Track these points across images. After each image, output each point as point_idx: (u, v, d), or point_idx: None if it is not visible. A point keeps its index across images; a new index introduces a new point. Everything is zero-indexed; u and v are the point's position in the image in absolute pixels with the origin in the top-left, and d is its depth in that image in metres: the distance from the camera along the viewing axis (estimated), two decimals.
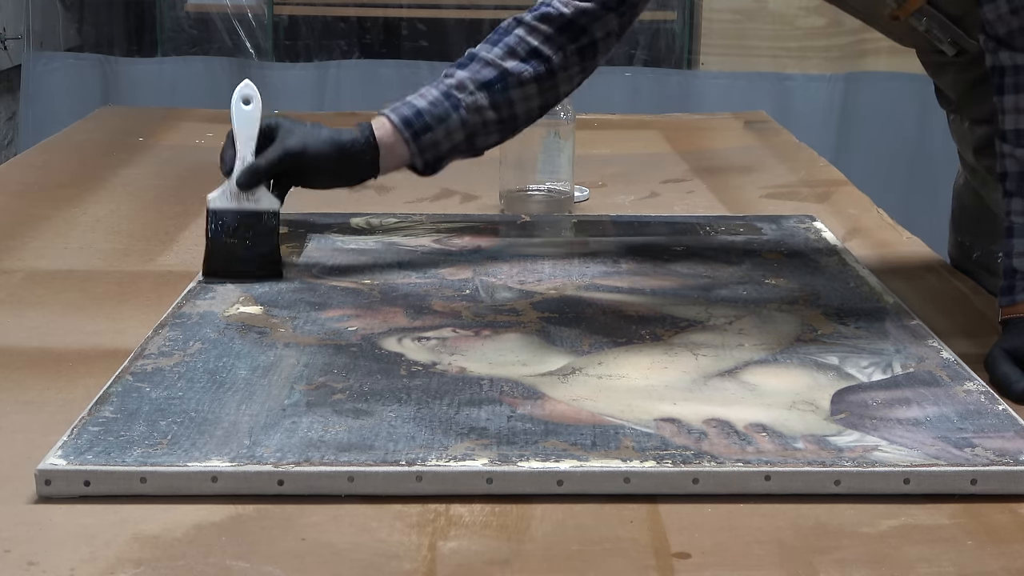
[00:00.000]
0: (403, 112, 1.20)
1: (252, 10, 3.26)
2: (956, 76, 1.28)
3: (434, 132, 1.20)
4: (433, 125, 1.20)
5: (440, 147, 1.21)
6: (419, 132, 1.20)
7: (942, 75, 1.30)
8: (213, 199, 1.17)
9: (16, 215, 1.48)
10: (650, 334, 1.06)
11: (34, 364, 1.01)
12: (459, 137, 1.22)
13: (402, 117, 1.20)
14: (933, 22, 1.19)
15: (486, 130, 1.24)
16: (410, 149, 1.21)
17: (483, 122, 1.22)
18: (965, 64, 1.24)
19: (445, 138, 1.21)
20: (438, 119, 1.20)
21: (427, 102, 1.21)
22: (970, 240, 1.38)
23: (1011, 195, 1.04)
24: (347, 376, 0.95)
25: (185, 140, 1.95)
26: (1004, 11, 1.02)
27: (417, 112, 1.20)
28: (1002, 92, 1.04)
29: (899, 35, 1.27)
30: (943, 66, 1.28)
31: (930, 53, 1.26)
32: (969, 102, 1.29)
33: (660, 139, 2.02)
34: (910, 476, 0.80)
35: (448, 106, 1.20)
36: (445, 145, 1.22)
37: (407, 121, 1.20)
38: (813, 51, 3.14)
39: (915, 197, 3.01)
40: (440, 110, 1.20)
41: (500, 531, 0.75)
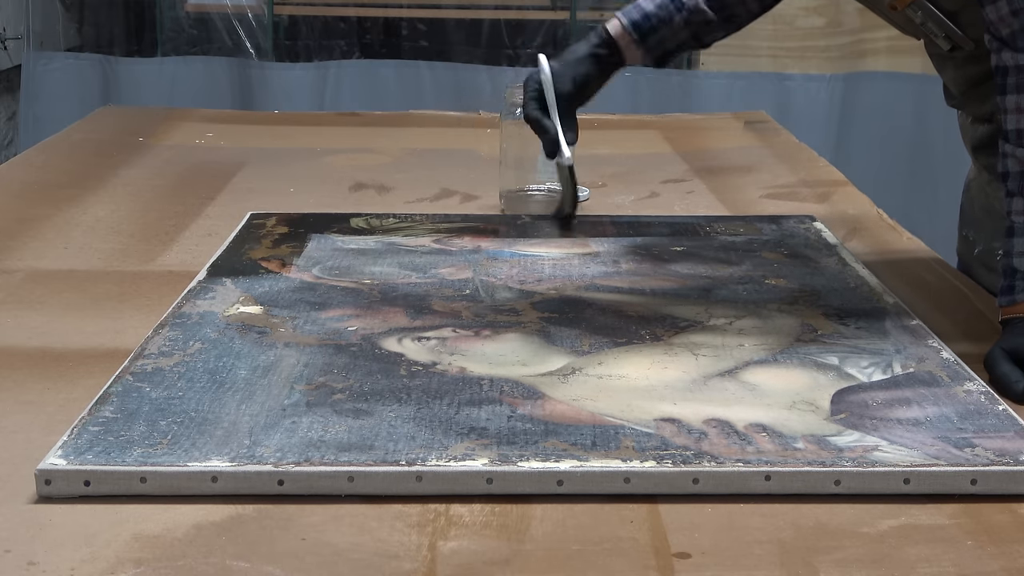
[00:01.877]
0: (632, 15, 1.32)
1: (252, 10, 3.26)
2: (956, 72, 1.28)
3: (659, 33, 1.31)
4: (659, 27, 1.31)
5: (666, 44, 1.33)
6: (647, 33, 1.31)
7: (944, 70, 1.31)
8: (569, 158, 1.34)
9: (16, 215, 1.48)
10: (650, 334, 1.06)
11: (34, 364, 1.01)
12: (684, 35, 1.32)
13: (631, 20, 1.31)
14: (928, 15, 1.20)
15: (710, 28, 1.34)
16: (640, 49, 1.32)
17: (705, 21, 1.32)
18: (963, 60, 1.24)
19: (671, 37, 1.32)
20: (663, 20, 1.31)
21: (654, 5, 1.32)
22: (973, 235, 1.38)
23: (1012, 195, 1.04)
24: (347, 376, 0.95)
25: (185, 140, 1.95)
26: (1005, 12, 1.02)
27: (645, 16, 1.31)
28: (1004, 92, 1.04)
29: (901, 25, 1.28)
30: (944, 60, 1.28)
31: (932, 46, 1.27)
32: (970, 99, 1.29)
33: (660, 139, 2.02)
34: (910, 476, 0.80)
35: (672, 8, 1.31)
36: (671, 43, 1.33)
37: (636, 24, 1.31)
38: (813, 51, 3.14)
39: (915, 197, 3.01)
40: (665, 12, 1.31)
41: (500, 531, 0.75)
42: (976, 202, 1.39)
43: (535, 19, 3.39)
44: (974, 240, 1.38)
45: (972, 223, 1.40)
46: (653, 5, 1.31)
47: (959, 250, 1.42)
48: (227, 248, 1.30)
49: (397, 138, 1.99)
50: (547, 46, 3.36)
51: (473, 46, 3.36)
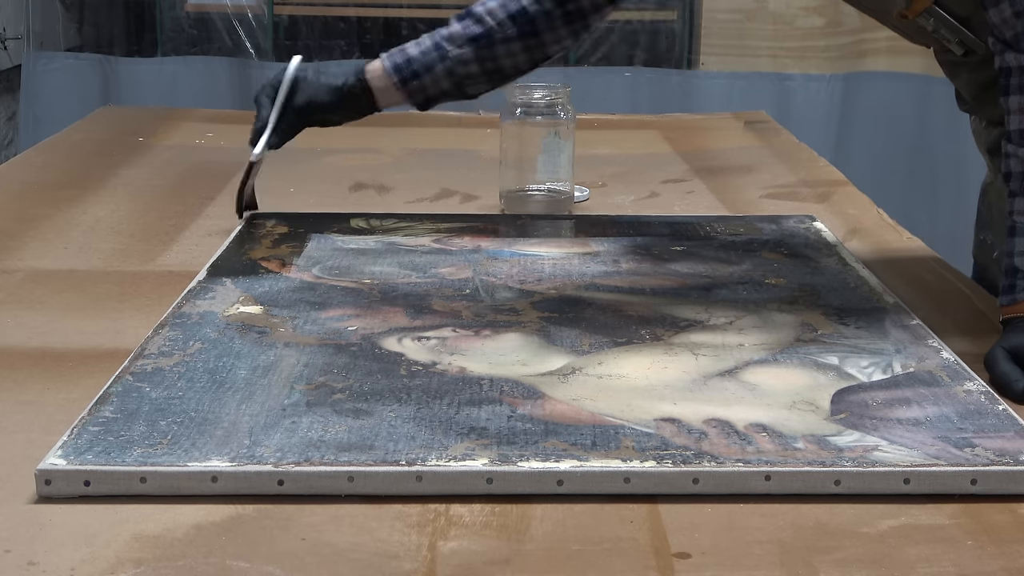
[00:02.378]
0: (396, 59, 1.33)
1: (252, 10, 3.26)
2: (969, 77, 1.28)
3: (421, 79, 1.31)
4: (421, 73, 1.31)
5: (428, 91, 1.33)
6: (407, 78, 1.32)
7: (957, 76, 1.31)
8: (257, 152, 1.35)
9: (16, 215, 1.48)
10: (650, 334, 1.06)
11: (34, 364, 1.01)
12: (447, 84, 1.33)
13: (393, 63, 1.32)
14: (940, 22, 1.19)
15: (474, 80, 1.34)
16: (401, 92, 1.33)
17: (468, 74, 1.32)
18: (976, 65, 1.24)
19: (432, 84, 1.32)
20: (426, 67, 1.31)
21: (419, 51, 1.32)
22: (992, 238, 1.38)
23: (1015, 195, 1.04)
24: (347, 376, 0.95)
25: (185, 140, 1.95)
26: (1008, 15, 1.02)
27: (408, 60, 1.32)
28: (1008, 93, 1.04)
29: (910, 34, 1.27)
30: (957, 66, 1.28)
31: (944, 53, 1.27)
32: (983, 103, 1.29)
33: (660, 139, 2.02)
34: (910, 476, 0.80)
35: (436, 56, 1.31)
36: (433, 90, 1.33)
37: (397, 67, 1.32)
38: (813, 51, 3.14)
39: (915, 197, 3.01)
40: (428, 59, 1.32)
41: (500, 531, 0.75)
42: (994, 206, 1.39)
43: None
44: (992, 243, 1.38)
45: (990, 227, 1.40)
46: (418, 51, 1.32)
47: (975, 253, 1.42)
48: (227, 248, 1.30)
49: (397, 138, 1.99)
50: None
51: None
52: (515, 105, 1.50)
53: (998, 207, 1.36)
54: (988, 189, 1.41)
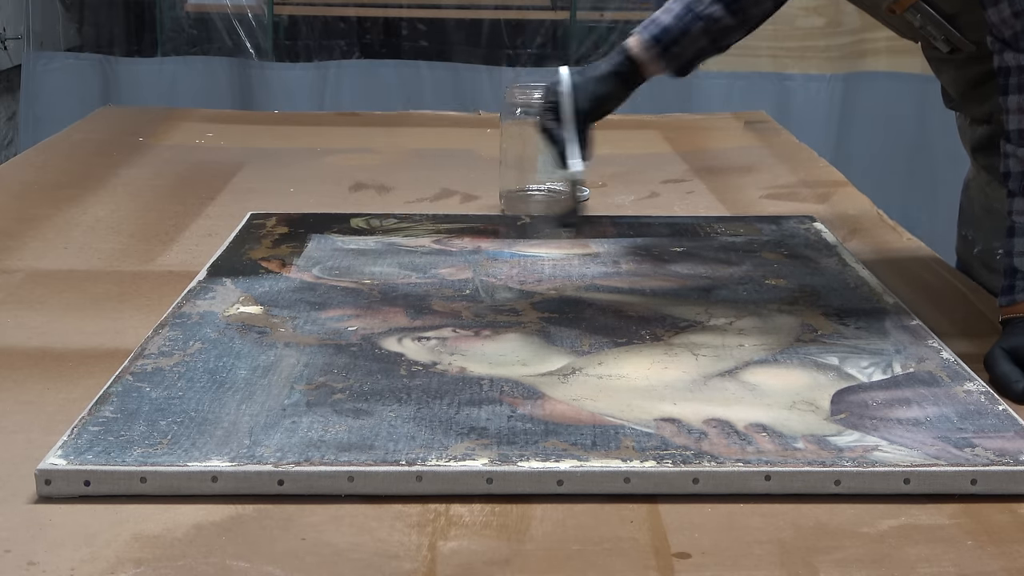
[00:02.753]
0: (652, 31, 1.34)
1: (252, 10, 3.26)
2: (955, 74, 1.29)
3: (680, 44, 1.33)
4: (679, 39, 1.33)
5: (686, 54, 1.36)
6: (668, 46, 1.34)
7: (943, 72, 1.31)
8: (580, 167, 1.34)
9: (16, 215, 1.48)
10: (650, 334, 1.06)
11: (34, 364, 1.01)
12: (703, 43, 1.35)
13: (652, 36, 1.34)
14: (927, 19, 1.20)
15: (727, 33, 1.35)
16: (663, 60, 1.34)
17: (723, 28, 1.34)
18: (962, 62, 1.24)
19: (690, 46, 1.34)
20: (683, 32, 1.33)
21: (672, 17, 1.34)
22: (973, 235, 1.38)
23: (1014, 195, 1.04)
24: (347, 376, 0.95)
25: (185, 140, 1.95)
26: (1007, 14, 1.03)
27: (664, 29, 1.34)
28: (1006, 92, 1.04)
29: (899, 28, 1.28)
30: (943, 63, 1.28)
31: (931, 49, 1.27)
32: (968, 101, 1.29)
33: (660, 139, 2.02)
34: (910, 476, 0.80)
35: (690, 19, 1.33)
36: (691, 52, 1.35)
37: (656, 39, 1.34)
38: (813, 51, 3.14)
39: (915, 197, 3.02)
40: (683, 23, 1.33)
41: (500, 531, 0.75)
42: (976, 202, 1.39)
43: (535, 19, 3.39)
44: (973, 239, 1.38)
45: (971, 223, 1.40)
46: (671, 17, 1.33)
47: (958, 249, 1.42)
48: (227, 248, 1.30)
49: (397, 138, 1.99)
50: (547, 46, 3.36)
51: (473, 46, 3.36)
52: (515, 105, 1.50)
53: (980, 203, 1.36)
54: (970, 185, 1.42)
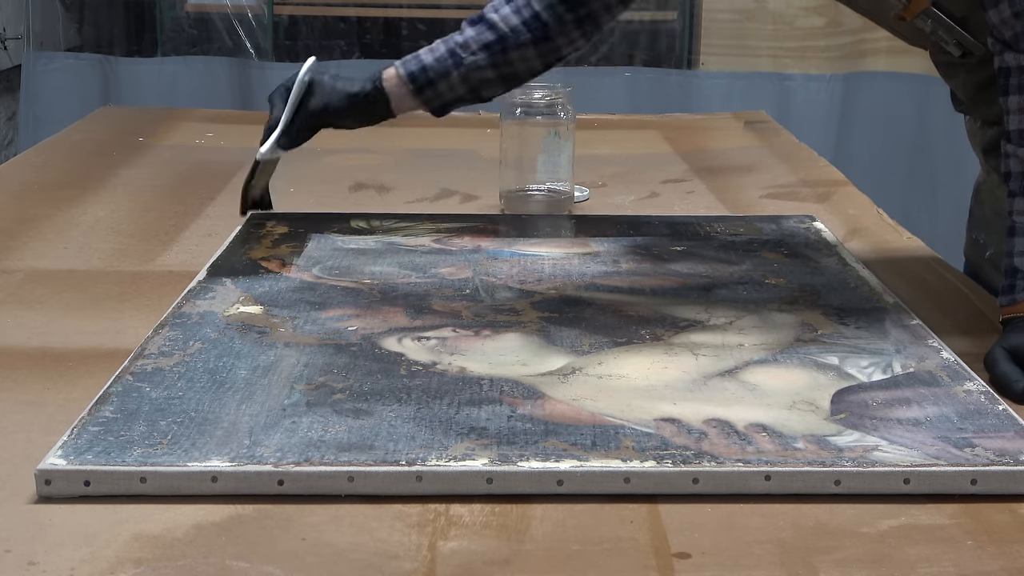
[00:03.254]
0: (410, 67, 1.33)
1: (252, 10, 3.26)
2: (966, 77, 1.28)
3: (436, 86, 1.32)
4: (436, 80, 1.32)
5: (444, 97, 1.34)
6: (423, 86, 1.32)
7: (953, 76, 1.31)
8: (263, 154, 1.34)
9: (16, 215, 1.48)
10: (650, 334, 1.06)
11: (34, 364, 1.01)
12: (462, 90, 1.33)
13: (408, 71, 1.33)
14: (938, 24, 1.19)
15: (489, 84, 1.34)
16: (416, 99, 1.34)
17: (483, 79, 1.33)
18: (974, 66, 1.24)
19: (448, 91, 1.33)
20: (441, 75, 1.32)
21: (433, 58, 1.33)
22: (984, 238, 1.38)
23: (1014, 195, 1.04)
24: (347, 376, 0.95)
25: (185, 140, 1.96)
26: (1007, 15, 1.03)
27: (423, 68, 1.32)
28: (1007, 93, 1.04)
29: (907, 36, 1.28)
30: (954, 67, 1.28)
31: (941, 54, 1.27)
32: (979, 103, 1.29)
33: (660, 139, 2.02)
34: (910, 476, 0.80)
35: (451, 63, 1.32)
36: (449, 96, 1.34)
37: (412, 76, 1.33)
38: (813, 51, 3.14)
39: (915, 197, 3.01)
40: (443, 66, 1.32)
41: (500, 531, 0.75)
42: (987, 205, 1.39)
43: None
44: (985, 243, 1.38)
45: (982, 226, 1.40)
46: (432, 58, 1.32)
47: (967, 252, 1.42)
48: (227, 248, 1.30)
49: (397, 138, 1.99)
50: None
51: None
52: (515, 105, 1.50)
53: (991, 206, 1.36)
54: (981, 188, 1.41)
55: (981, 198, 1.41)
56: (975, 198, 1.43)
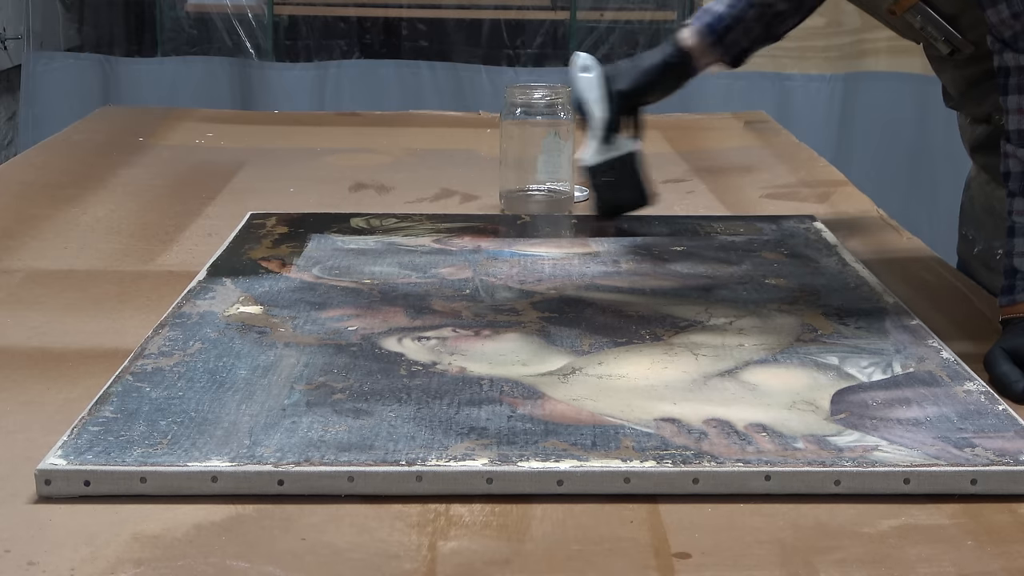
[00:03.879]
0: (705, 19, 1.34)
1: (252, 10, 3.26)
2: (954, 73, 1.29)
3: (734, 32, 1.33)
4: (733, 25, 1.33)
5: (742, 43, 1.35)
6: (723, 34, 1.33)
7: (943, 72, 1.31)
8: (585, 159, 1.36)
9: (16, 215, 1.48)
10: (650, 334, 1.06)
11: (34, 364, 1.01)
12: (757, 30, 1.34)
13: (705, 24, 1.34)
14: (927, 20, 1.20)
15: (781, 18, 1.35)
16: (718, 49, 1.35)
17: (776, 13, 1.34)
18: (962, 62, 1.24)
19: (744, 34, 1.34)
20: (736, 19, 1.33)
21: (725, 5, 1.34)
22: (973, 234, 1.38)
23: (1013, 195, 1.04)
24: (347, 376, 0.95)
25: (185, 140, 1.96)
26: (1006, 15, 1.03)
27: (718, 16, 1.34)
28: (1006, 93, 1.04)
29: (900, 29, 1.28)
30: (943, 62, 1.29)
31: (932, 48, 1.27)
32: (968, 100, 1.30)
33: (660, 139, 2.02)
34: (910, 476, 0.80)
35: (743, 5, 1.33)
36: (746, 40, 1.35)
37: (710, 27, 1.34)
38: (813, 51, 3.14)
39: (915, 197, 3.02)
40: (737, 11, 1.33)
41: (500, 531, 0.75)
42: (976, 201, 1.39)
43: (535, 19, 3.39)
44: (974, 239, 1.38)
45: (972, 222, 1.40)
46: (724, 5, 1.33)
47: (959, 249, 1.42)
48: (227, 248, 1.30)
49: (397, 138, 1.99)
50: (547, 46, 3.36)
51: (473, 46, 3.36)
52: (515, 105, 1.50)
53: (980, 202, 1.36)
54: (971, 184, 1.42)
55: (971, 194, 1.41)
56: (966, 194, 1.43)
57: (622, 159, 1.36)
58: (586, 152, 1.36)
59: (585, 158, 1.36)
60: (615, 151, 1.35)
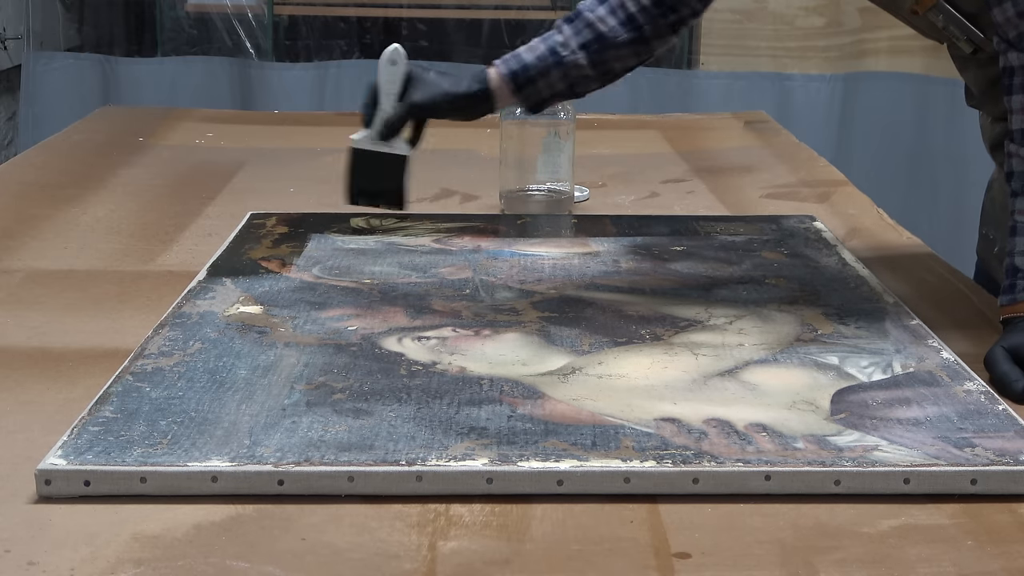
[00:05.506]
0: (512, 65, 1.34)
1: (252, 10, 3.26)
2: (976, 72, 1.29)
3: (537, 84, 1.34)
4: (536, 79, 1.33)
5: (542, 94, 1.35)
6: (523, 85, 1.34)
7: (966, 70, 1.31)
8: (356, 140, 1.34)
9: (16, 215, 1.48)
10: (650, 334, 1.06)
11: (34, 364, 1.01)
12: (561, 87, 1.35)
13: (510, 70, 1.34)
14: (949, 19, 1.20)
15: (586, 82, 1.35)
16: (517, 96, 1.35)
17: (583, 76, 1.34)
18: (984, 61, 1.24)
19: (546, 88, 1.34)
20: (541, 73, 1.33)
21: (534, 56, 1.34)
22: (994, 233, 1.38)
23: (1016, 194, 1.04)
24: (347, 376, 0.95)
25: (185, 140, 1.96)
26: (1012, 15, 1.03)
27: (524, 67, 1.34)
28: (1011, 92, 1.04)
29: (923, 29, 1.28)
30: (966, 61, 1.29)
31: (955, 48, 1.27)
32: (989, 99, 1.30)
33: (660, 139, 2.02)
34: (910, 476, 0.80)
35: (552, 61, 1.33)
36: (546, 93, 1.35)
37: (514, 74, 1.34)
38: (813, 51, 3.14)
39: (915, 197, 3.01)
40: (544, 65, 1.34)
41: (500, 531, 0.75)
42: (997, 201, 1.39)
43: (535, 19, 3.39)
44: (994, 239, 1.38)
45: (993, 221, 1.40)
46: (533, 56, 1.33)
47: (978, 248, 1.42)
48: (227, 248, 1.30)
49: None
50: None
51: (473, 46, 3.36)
52: None
53: (1001, 202, 1.36)
54: (993, 184, 1.42)
55: (992, 194, 1.41)
56: (987, 194, 1.43)
57: (391, 158, 1.35)
58: (360, 134, 1.34)
59: (357, 138, 1.34)
60: (386, 148, 1.34)
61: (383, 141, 1.33)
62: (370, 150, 1.34)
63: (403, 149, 1.35)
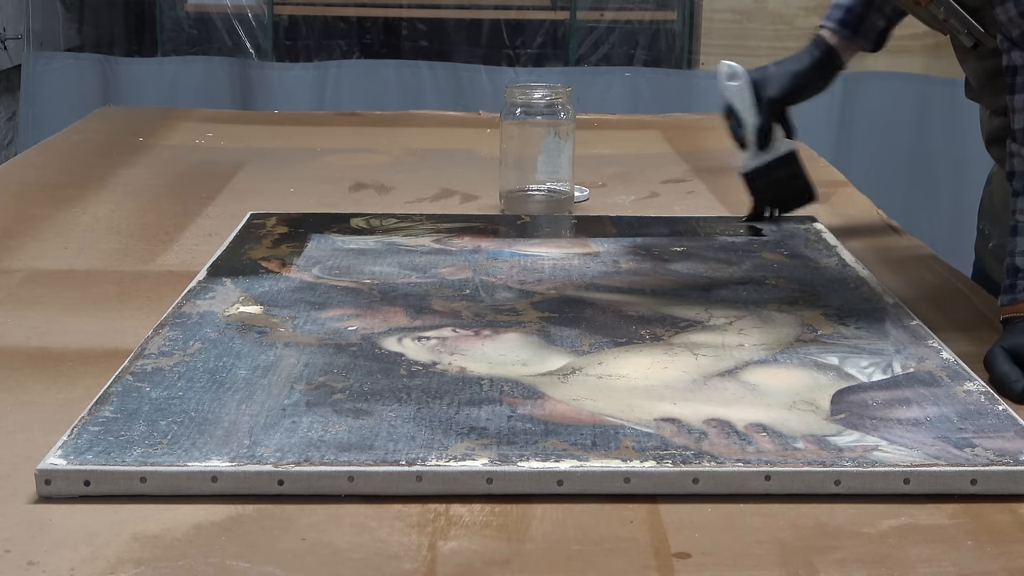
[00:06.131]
0: (836, 16, 1.36)
1: (252, 10, 3.26)
2: (976, 65, 1.29)
3: (869, 18, 1.34)
4: (864, 13, 1.34)
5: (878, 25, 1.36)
6: (857, 25, 1.35)
7: (966, 63, 1.32)
8: (744, 165, 1.39)
9: (16, 215, 1.48)
10: (650, 334, 1.06)
11: (34, 364, 1.01)
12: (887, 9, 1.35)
13: (837, 20, 1.36)
14: (951, 12, 1.20)
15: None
16: (857, 42, 1.37)
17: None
18: (985, 53, 1.25)
19: (879, 17, 1.35)
20: (865, 5, 1.34)
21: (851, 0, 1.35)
22: (990, 228, 1.38)
23: (1018, 194, 1.04)
24: (347, 376, 0.95)
25: (185, 140, 1.96)
26: (1014, 14, 1.03)
27: (847, 9, 1.35)
28: (1013, 91, 1.04)
29: (926, 21, 1.28)
30: (967, 53, 1.29)
31: (956, 40, 1.28)
32: (987, 92, 1.30)
33: (660, 139, 2.02)
34: (910, 476, 0.80)
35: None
36: (881, 23, 1.36)
37: (843, 22, 1.36)
38: None
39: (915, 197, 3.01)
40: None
41: (500, 531, 0.75)
42: (996, 196, 1.39)
43: (535, 19, 3.39)
44: (990, 234, 1.38)
45: (990, 217, 1.40)
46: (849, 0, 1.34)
47: (976, 244, 1.42)
48: (227, 248, 1.30)
49: (397, 138, 1.99)
50: (547, 46, 3.36)
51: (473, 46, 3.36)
52: (515, 105, 1.50)
53: (999, 198, 1.36)
54: (992, 179, 1.42)
55: (991, 189, 1.41)
56: (986, 189, 1.43)
57: (782, 159, 1.39)
58: (743, 159, 1.39)
59: (743, 165, 1.39)
60: (772, 153, 1.38)
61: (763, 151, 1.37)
62: (760, 166, 1.38)
63: (787, 145, 1.39)
